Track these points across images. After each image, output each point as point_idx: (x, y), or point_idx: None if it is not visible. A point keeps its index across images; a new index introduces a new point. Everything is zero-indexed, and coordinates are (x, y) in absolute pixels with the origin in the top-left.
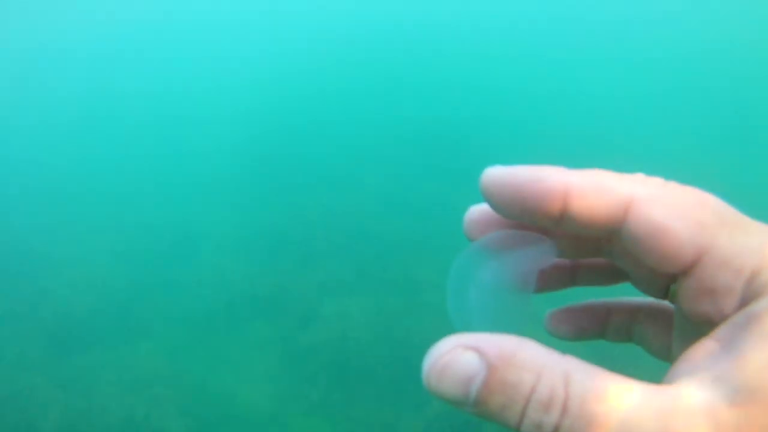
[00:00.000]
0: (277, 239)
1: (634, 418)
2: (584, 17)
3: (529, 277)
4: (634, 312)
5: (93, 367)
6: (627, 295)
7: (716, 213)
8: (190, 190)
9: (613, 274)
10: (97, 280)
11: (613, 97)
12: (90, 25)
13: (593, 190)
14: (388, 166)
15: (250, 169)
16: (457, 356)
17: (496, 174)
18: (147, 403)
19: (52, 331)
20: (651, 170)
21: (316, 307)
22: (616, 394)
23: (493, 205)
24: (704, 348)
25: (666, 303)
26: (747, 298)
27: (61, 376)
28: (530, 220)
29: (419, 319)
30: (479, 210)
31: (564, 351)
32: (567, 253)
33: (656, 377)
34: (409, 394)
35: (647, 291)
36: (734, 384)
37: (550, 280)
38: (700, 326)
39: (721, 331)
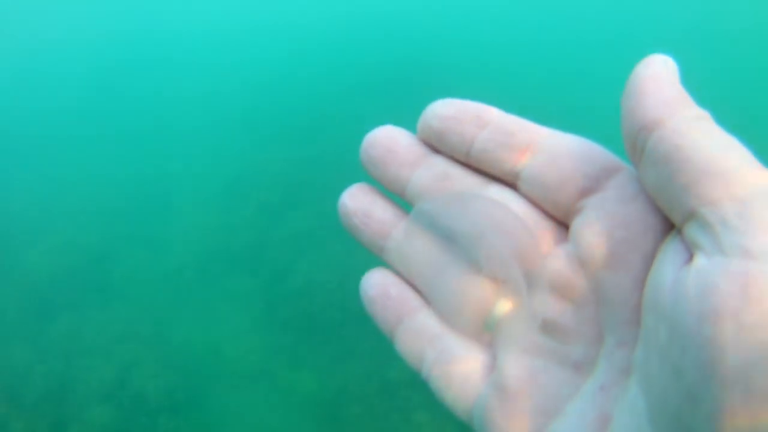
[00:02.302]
0: (247, 192)
1: None
2: None
3: None
4: None
5: (70, 331)
6: None
7: None
8: (159, 145)
9: None
10: (67, 241)
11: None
12: None
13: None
14: (354, 113)
15: (218, 122)
16: None
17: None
18: (128, 364)
19: (24, 298)
20: None
21: (292, 259)
22: None
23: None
24: None
25: None
26: None
27: (39, 342)
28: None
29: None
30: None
31: None
32: None
33: None
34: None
35: None
36: None
37: None
38: None
39: None
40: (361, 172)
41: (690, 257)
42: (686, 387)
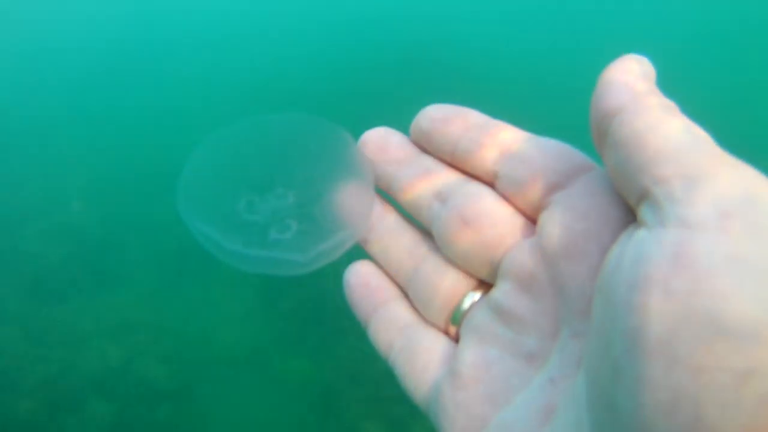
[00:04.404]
0: None
1: None
2: None
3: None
4: None
5: (70, 317)
6: None
7: None
8: (159, 129)
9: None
10: (68, 226)
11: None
12: None
13: None
14: (356, 114)
15: (216, 106)
16: None
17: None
18: (128, 351)
19: (25, 284)
20: None
21: None
22: None
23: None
24: None
25: None
26: None
27: (39, 328)
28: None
29: None
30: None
31: None
32: None
33: None
34: None
35: None
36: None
37: None
38: None
39: None
40: None
41: None
42: (612, 359)
